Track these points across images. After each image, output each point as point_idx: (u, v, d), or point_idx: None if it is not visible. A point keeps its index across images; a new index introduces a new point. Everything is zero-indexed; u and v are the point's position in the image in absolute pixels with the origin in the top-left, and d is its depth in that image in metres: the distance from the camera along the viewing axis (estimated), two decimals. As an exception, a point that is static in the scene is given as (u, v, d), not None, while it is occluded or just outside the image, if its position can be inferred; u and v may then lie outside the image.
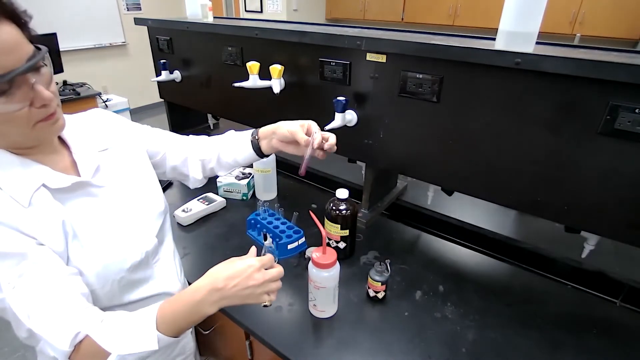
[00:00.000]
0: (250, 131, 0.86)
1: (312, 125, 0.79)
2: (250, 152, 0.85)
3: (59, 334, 0.56)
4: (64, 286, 0.58)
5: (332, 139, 0.79)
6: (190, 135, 0.92)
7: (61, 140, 0.67)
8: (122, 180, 0.71)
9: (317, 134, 0.77)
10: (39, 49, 0.54)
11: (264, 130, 0.84)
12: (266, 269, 0.66)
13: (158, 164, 0.86)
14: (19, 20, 0.52)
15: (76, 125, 0.70)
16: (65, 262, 0.60)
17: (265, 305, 0.67)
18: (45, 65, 0.54)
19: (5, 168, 0.56)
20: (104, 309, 0.64)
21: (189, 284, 0.95)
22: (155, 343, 0.58)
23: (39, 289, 0.55)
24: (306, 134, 0.78)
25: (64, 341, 0.55)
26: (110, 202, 0.68)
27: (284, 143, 0.82)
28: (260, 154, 0.85)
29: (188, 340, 0.92)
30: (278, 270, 0.67)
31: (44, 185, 0.59)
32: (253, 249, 0.72)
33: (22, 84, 0.51)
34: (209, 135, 0.91)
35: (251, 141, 0.85)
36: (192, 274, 1.00)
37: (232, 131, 0.90)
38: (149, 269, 0.74)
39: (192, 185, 0.91)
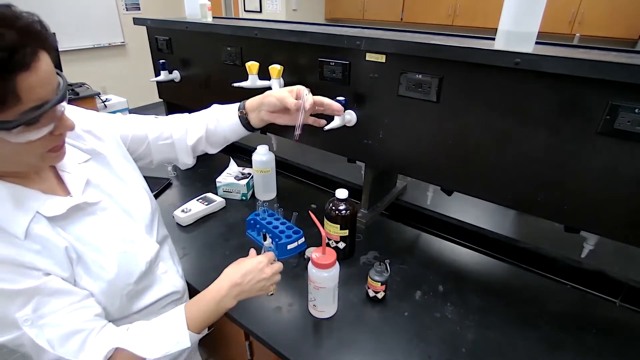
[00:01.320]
0: (237, 105, 0.82)
1: (301, 88, 0.76)
2: (239, 128, 0.82)
3: (88, 355, 0.57)
4: (80, 311, 0.58)
5: (325, 100, 0.79)
6: (170, 116, 0.87)
7: None
8: (112, 190, 0.70)
9: (308, 96, 0.75)
10: (59, 74, 0.53)
11: (251, 103, 0.81)
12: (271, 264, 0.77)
13: (142, 155, 0.83)
14: (52, 48, 0.50)
15: None
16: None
17: (271, 294, 0.80)
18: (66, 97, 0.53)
19: None
20: (116, 321, 0.65)
21: (188, 284, 0.95)
22: (188, 341, 0.64)
23: (56, 319, 0.55)
24: (295, 99, 0.75)
25: (96, 358, 0.57)
26: (107, 218, 0.67)
27: (274, 114, 0.79)
28: (250, 127, 0.83)
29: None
30: (279, 264, 0.80)
31: (38, 212, 0.56)
32: (253, 251, 0.80)
33: (51, 114, 0.50)
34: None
35: (239, 117, 0.81)
36: (192, 274, 1.00)
37: (217, 106, 0.86)
38: (152, 275, 0.74)
39: (181, 166, 0.88)
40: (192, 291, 0.96)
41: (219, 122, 0.83)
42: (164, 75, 1.57)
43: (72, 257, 0.59)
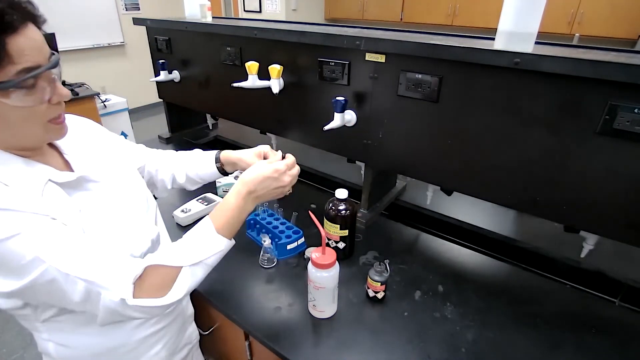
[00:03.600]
0: (213, 155, 0.91)
1: (266, 149, 0.85)
2: (215, 173, 0.92)
3: (119, 272, 0.57)
4: (101, 246, 0.59)
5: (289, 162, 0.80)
6: (159, 150, 0.97)
7: (50, 144, 0.68)
8: (114, 176, 0.73)
9: (273, 156, 0.81)
10: (52, 51, 0.57)
11: (225, 158, 0.90)
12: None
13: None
14: (39, 23, 0.55)
15: None
16: None
17: (289, 193, 0.79)
18: (59, 69, 0.57)
19: (10, 166, 0.57)
20: None
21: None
22: (222, 244, 0.68)
23: (80, 250, 0.55)
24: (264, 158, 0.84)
25: (127, 277, 0.57)
26: (110, 196, 0.69)
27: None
28: (226, 173, 0.93)
29: (193, 329, 0.96)
30: (297, 169, 0.79)
31: (50, 180, 0.60)
32: (279, 153, 0.81)
33: (46, 80, 0.54)
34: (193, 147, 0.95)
35: (217, 167, 0.91)
36: (191, 275, 1.00)
37: (198, 150, 0.96)
38: None
39: (158, 195, 0.95)
40: (193, 291, 0.96)
41: (199, 165, 0.92)
42: (163, 75, 1.57)
43: (83, 223, 0.61)
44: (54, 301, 0.58)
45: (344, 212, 0.99)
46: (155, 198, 0.85)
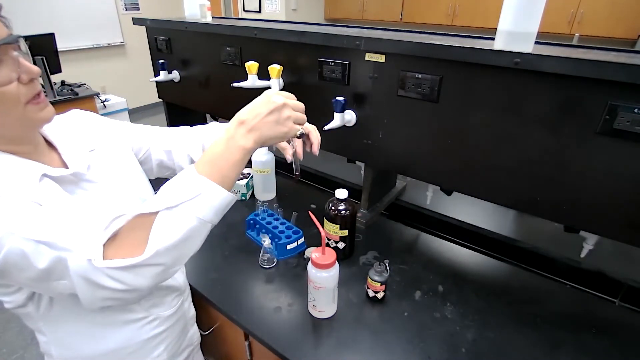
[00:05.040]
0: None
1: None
2: None
3: (86, 234, 0.51)
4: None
5: (313, 137, 0.75)
6: (171, 127, 0.89)
7: (48, 144, 0.66)
8: (113, 178, 0.70)
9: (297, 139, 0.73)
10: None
11: None
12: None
13: (143, 161, 0.84)
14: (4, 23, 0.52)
15: (59, 126, 0.69)
16: None
17: (300, 136, 0.67)
18: (23, 51, 0.54)
19: (3, 163, 0.55)
20: None
21: (190, 285, 0.95)
22: (202, 185, 0.53)
23: (51, 215, 0.51)
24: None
25: (96, 238, 0.50)
26: (108, 197, 0.68)
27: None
28: None
29: (194, 331, 0.95)
30: (300, 105, 0.65)
31: (45, 175, 0.57)
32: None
33: (7, 57, 0.51)
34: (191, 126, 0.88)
35: None
36: (192, 274, 1.00)
37: (215, 123, 0.88)
38: None
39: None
40: (193, 291, 0.96)
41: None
42: (163, 75, 1.57)
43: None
44: (24, 276, 0.51)
45: (343, 212, 0.99)
46: None
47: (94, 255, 0.49)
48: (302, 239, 1.11)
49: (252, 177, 1.41)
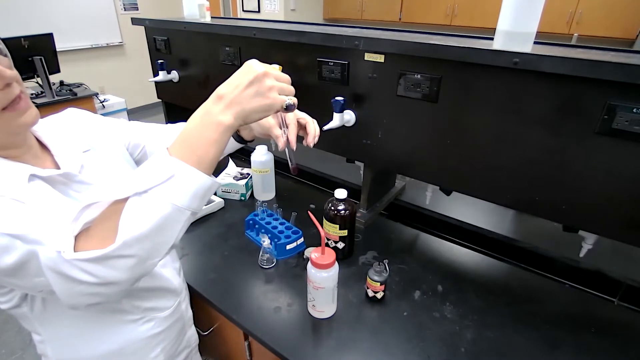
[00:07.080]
0: None
1: (287, 115, 0.71)
2: (231, 142, 0.81)
3: (57, 227, 0.48)
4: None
5: (310, 128, 0.72)
6: (168, 124, 0.88)
7: (42, 145, 0.65)
8: (108, 179, 0.69)
9: (291, 126, 0.70)
10: None
11: None
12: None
13: (140, 159, 0.83)
14: None
15: (54, 127, 0.68)
16: None
17: (287, 108, 0.58)
18: (2, 54, 0.52)
19: None
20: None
21: (189, 285, 0.95)
22: (173, 167, 0.48)
23: (26, 210, 0.50)
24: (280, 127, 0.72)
25: (66, 230, 0.47)
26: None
27: (266, 133, 0.78)
28: (243, 141, 0.82)
29: (192, 333, 0.94)
30: (286, 77, 0.61)
31: (34, 175, 0.55)
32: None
33: None
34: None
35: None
36: (191, 274, 1.00)
37: None
38: None
39: None
40: (192, 292, 0.96)
41: None
42: (162, 76, 1.56)
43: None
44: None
45: (343, 212, 0.99)
46: None
47: (63, 247, 0.46)
48: (302, 239, 1.11)
49: (251, 177, 1.41)
